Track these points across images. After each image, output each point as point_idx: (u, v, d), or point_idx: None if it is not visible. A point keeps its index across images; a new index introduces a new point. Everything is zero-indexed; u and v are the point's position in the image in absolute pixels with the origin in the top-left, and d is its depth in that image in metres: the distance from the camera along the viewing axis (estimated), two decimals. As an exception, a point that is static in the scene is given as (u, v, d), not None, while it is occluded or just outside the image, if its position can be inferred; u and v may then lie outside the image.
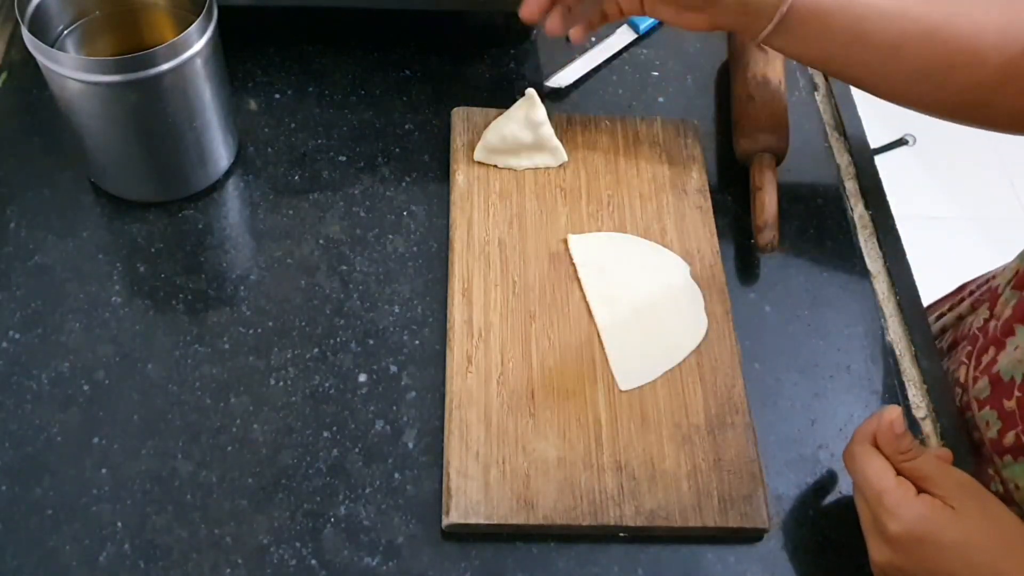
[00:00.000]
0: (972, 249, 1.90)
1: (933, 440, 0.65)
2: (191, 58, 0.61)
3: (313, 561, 0.55)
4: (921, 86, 0.64)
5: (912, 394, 0.67)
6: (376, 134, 0.75)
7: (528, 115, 0.70)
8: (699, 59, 0.83)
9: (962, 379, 0.72)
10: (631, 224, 0.70)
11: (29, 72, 0.73)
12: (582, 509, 0.57)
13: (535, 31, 0.82)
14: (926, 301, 0.77)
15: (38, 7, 0.63)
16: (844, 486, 0.61)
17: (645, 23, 0.83)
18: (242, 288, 0.66)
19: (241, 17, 0.71)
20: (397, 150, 0.74)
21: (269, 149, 0.73)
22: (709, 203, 0.72)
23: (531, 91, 0.71)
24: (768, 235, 0.68)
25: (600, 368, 0.63)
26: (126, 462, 0.58)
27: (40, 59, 0.60)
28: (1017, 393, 0.65)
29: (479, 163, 0.71)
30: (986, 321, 0.73)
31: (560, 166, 0.72)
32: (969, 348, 0.73)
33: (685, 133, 0.75)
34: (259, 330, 0.64)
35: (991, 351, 0.70)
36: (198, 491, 0.57)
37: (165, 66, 0.60)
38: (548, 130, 0.71)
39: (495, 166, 0.71)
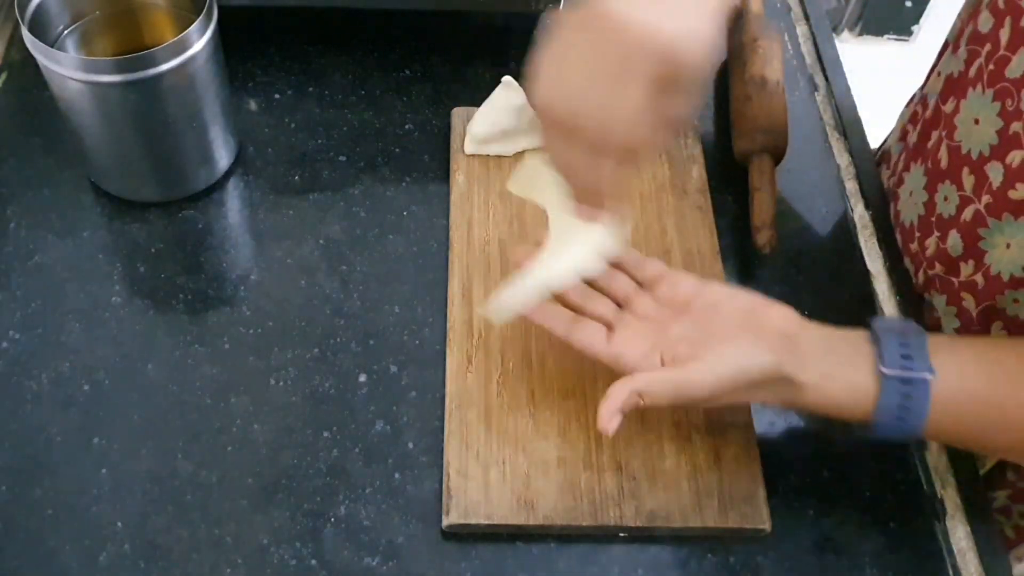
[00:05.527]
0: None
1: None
2: (191, 58, 0.61)
3: (313, 561, 0.55)
4: None
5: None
6: (376, 134, 0.75)
7: (509, 101, 0.71)
8: (699, 59, 0.83)
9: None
10: (631, 224, 0.70)
11: (29, 72, 0.73)
12: (582, 509, 0.57)
13: (535, 31, 0.82)
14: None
15: (38, 7, 0.63)
16: (844, 486, 0.61)
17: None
18: (242, 288, 0.66)
19: (241, 17, 0.71)
20: (397, 150, 0.74)
21: (269, 149, 0.73)
22: (709, 203, 0.72)
23: (507, 78, 0.71)
24: (765, 235, 0.68)
25: (600, 368, 0.63)
26: (126, 462, 0.58)
27: (40, 59, 0.60)
28: (917, 234, 0.69)
29: (473, 156, 0.72)
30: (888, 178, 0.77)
31: None
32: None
33: (685, 133, 0.75)
34: (259, 330, 0.64)
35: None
36: (198, 491, 0.57)
37: (165, 66, 0.60)
38: (531, 112, 0.69)
39: (487, 156, 0.72)
